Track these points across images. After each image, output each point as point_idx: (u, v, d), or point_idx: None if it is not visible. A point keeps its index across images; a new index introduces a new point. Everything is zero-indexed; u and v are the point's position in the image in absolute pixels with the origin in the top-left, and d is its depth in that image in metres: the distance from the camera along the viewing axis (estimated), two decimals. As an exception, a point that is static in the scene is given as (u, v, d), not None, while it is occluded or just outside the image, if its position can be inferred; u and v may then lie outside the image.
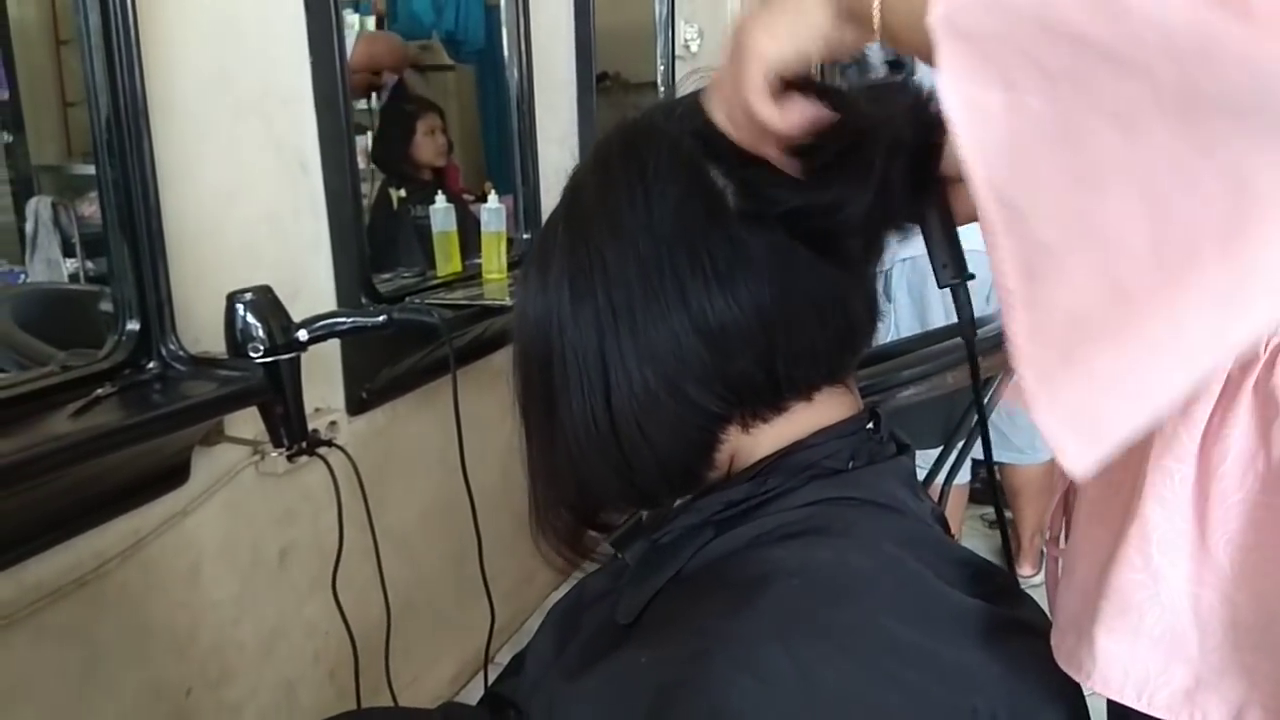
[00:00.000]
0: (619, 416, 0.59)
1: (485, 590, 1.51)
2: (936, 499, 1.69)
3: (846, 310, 0.60)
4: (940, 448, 1.74)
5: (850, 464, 0.61)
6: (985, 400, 1.54)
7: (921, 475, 1.66)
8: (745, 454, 0.62)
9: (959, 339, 1.52)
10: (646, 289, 0.57)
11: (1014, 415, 2.00)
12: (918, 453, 1.89)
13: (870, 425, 0.64)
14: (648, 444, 0.60)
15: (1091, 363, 0.35)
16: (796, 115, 0.53)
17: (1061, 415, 0.36)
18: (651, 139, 0.61)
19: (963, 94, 0.36)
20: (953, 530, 2.36)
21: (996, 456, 2.14)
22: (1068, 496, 0.66)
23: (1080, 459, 0.36)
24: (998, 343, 0.56)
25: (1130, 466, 0.50)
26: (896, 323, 2.13)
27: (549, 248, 0.62)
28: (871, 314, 0.63)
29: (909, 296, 2.12)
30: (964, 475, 2.21)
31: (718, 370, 0.58)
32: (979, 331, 1.60)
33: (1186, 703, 0.48)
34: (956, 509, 2.22)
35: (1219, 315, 0.33)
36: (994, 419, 1.64)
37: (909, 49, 0.43)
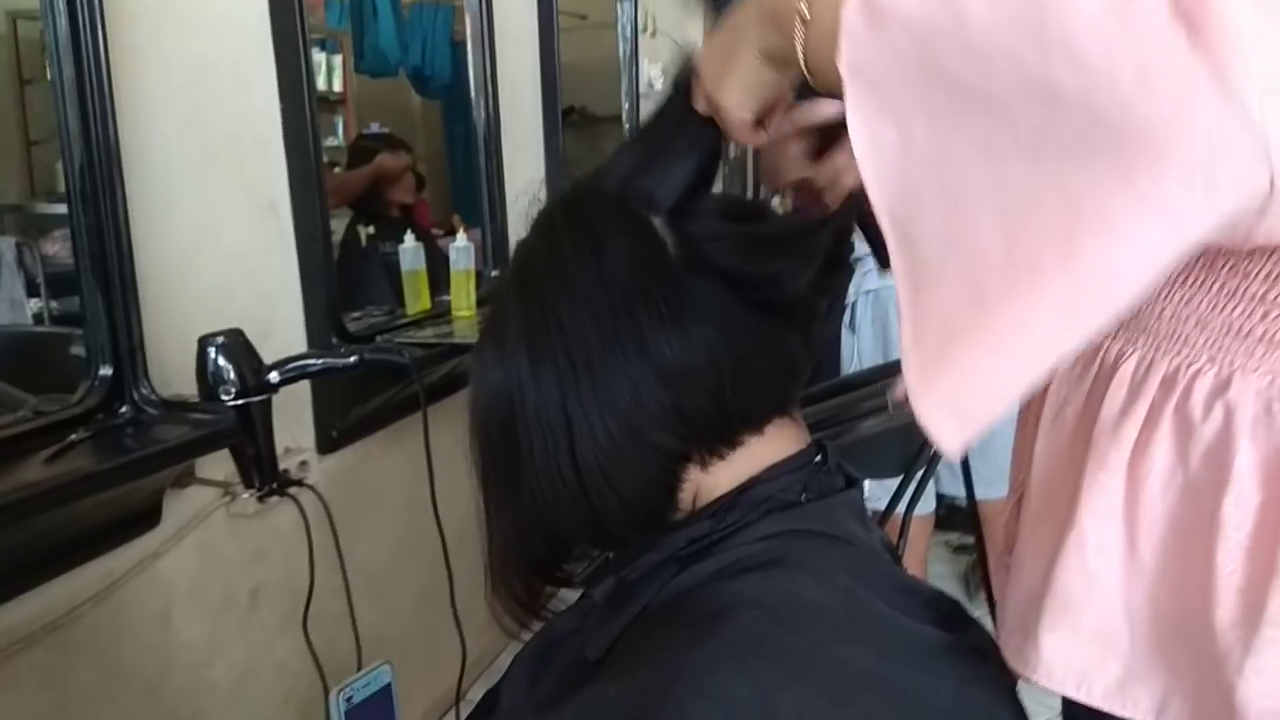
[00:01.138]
0: (584, 467, 0.61)
1: (457, 626, 1.52)
2: (899, 528, 1.73)
3: (787, 347, 0.63)
4: (900, 477, 1.77)
5: (803, 496, 0.64)
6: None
7: (883, 505, 1.69)
8: (706, 492, 0.65)
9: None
10: (603, 340, 0.60)
11: (985, 450, 2.04)
12: (879, 482, 1.92)
13: (819, 458, 0.67)
14: (613, 491, 0.62)
15: (958, 359, 0.41)
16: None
17: (935, 404, 0.41)
18: (593, 199, 0.64)
19: (865, 129, 0.41)
20: (919, 557, 2.40)
21: (948, 487, 2.18)
22: (1019, 507, 0.70)
23: (951, 440, 0.42)
24: None
25: (1069, 479, 0.54)
26: (859, 353, 2.17)
27: (502, 317, 0.65)
28: (810, 348, 0.66)
29: (872, 328, 2.16)
30: (928, 504, 2.24)
31: (676, 409, 0.60)
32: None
33: (1119, 693, 0.52)
34: (920, 537, 2.25)
35: (1059, 319, 0.39)
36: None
37: (829, 88, 0.48)
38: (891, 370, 1.77)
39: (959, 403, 0.42)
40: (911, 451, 1.71)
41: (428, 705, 1.89)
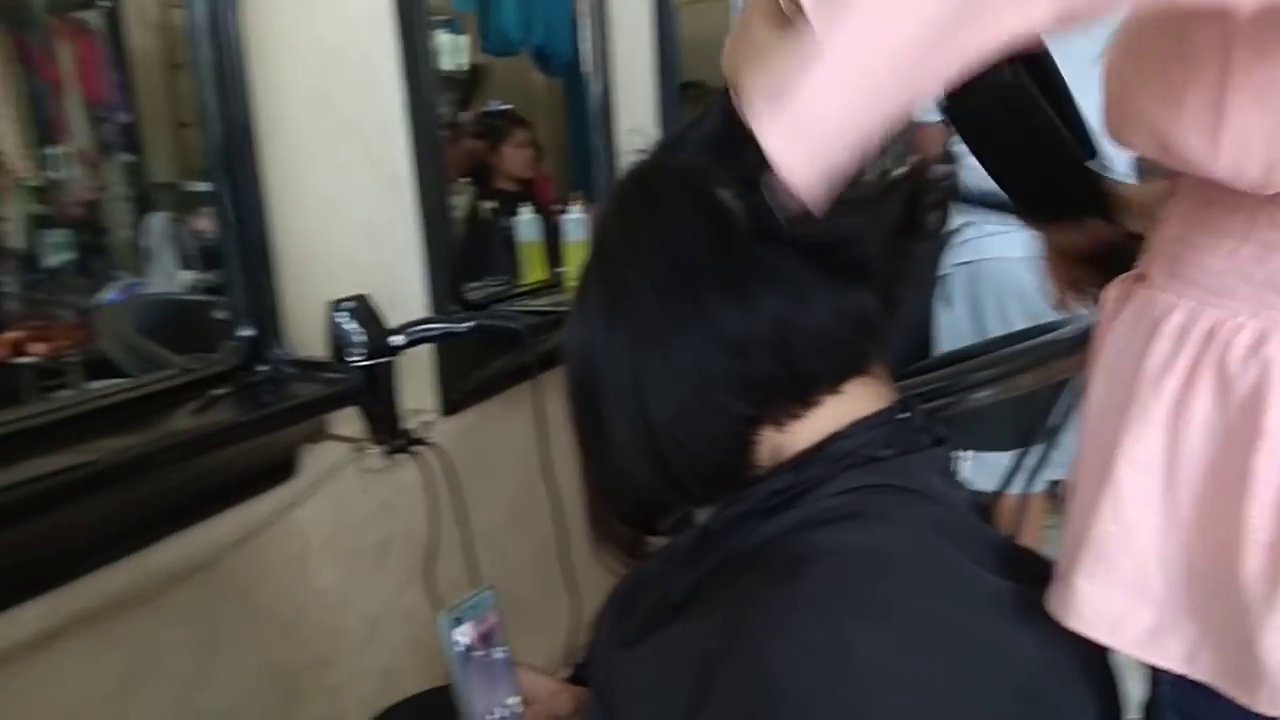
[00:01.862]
0: (657, 430, 0.65)
1: (570, 585, 1.58)
2: (1014, 506, 1.69)
3: (862, 308, 0.64)
4: (1016, 451, 1.74)
5: (885, 452, 0.66)
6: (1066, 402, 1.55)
7: (996, 481, 1.66)
8: (785, 448, 0.67)
9: (1035, 341, 1.53)
10: (668, 310, 0.63)
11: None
12: (981, 464, 1.88)
13: (904, 415, 0.69)
14: (686, 453, 0.65)
15: (828, 77, 0.44)
16: None
17: (788, 133, 0.46)
18: (660, 174, 0.67)
19: None
20: (1032, 539, 2.35)
21: (1057, 471, 2.12)
22: None
23: (788, 159, 0.46)
24: (1074, 346, 0.61)
25: (1113, 430, 0.55)
26: (954, 328, 2.12)
27: (584, 287, 0.69)
28: (890, 308, 0.66)
29: (966, 302, 2.12)
30: (1040, 483, 2.18)
31: (742, 375, 0.63)
32: (1052, 335, 1.60)
33: (1151, 641, 0.53)
34: (1035, 517, 2.20)
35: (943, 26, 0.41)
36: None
37: None
38: (995, 345, 1.74)
39: (799, 119, 0.45)
40: (1027, 425, 1.67)
41: (546, 658, 1.96)
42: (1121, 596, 0.54)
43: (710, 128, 0.67)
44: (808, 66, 0.44)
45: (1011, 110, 0.75)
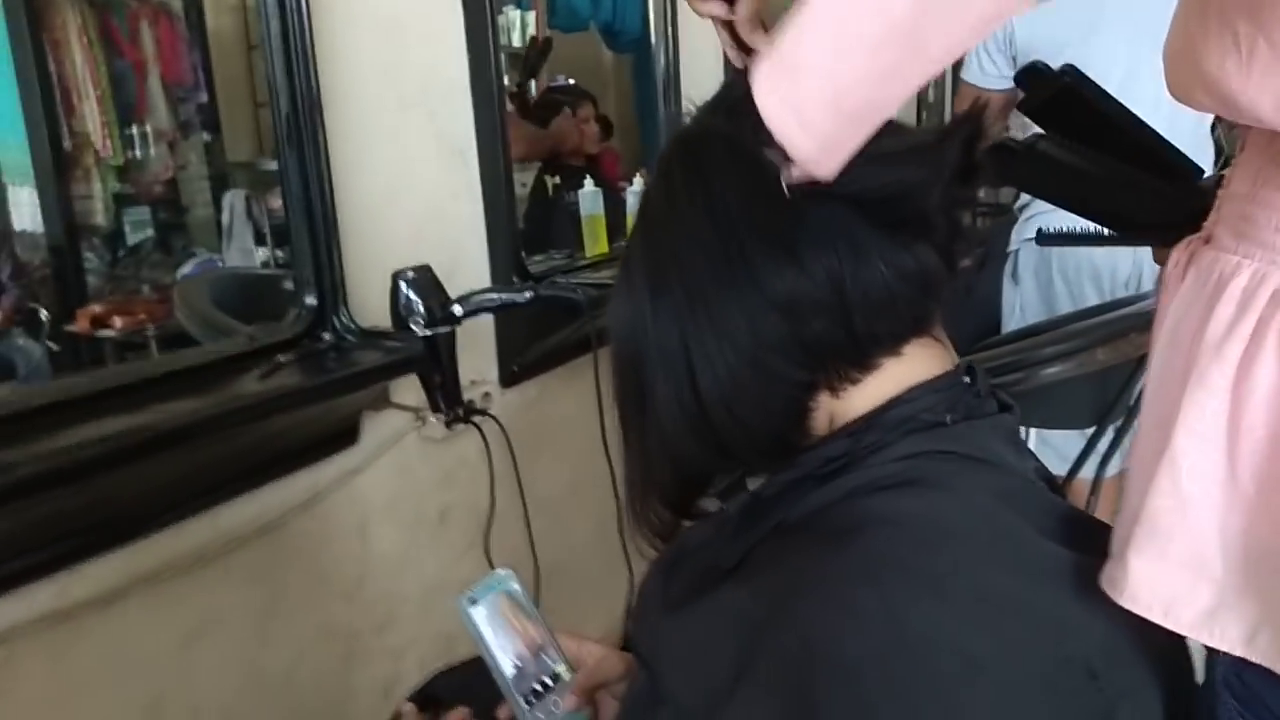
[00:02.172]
0: (707, 400, 0.63)
1: (626, 558, 1.58)
2: (1090, 488, 1.64)
3: (920, 264, 0.62)
4: (1092, 429, 1.69)
5: (948, 418, 0.64)
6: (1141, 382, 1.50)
7: (1063, 464, 1.61)
8: (841, 415, 0.65)
9: (1110, 315, 1.48)
10: (717, 274, 0.62)
11: None
12: (1051, 447, 1.83)
13: (967, 379, 0.66)
14: (738, 422, 0.63)
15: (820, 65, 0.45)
16: None
17: (790, 113, 0.46)
18: (704, 138, 0.65)
19: None
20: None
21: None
22: None
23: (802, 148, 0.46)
24: (1152, 320, 0.58)
25: (1173, 399, 0.52)
26: (1022, 306, 2.06)
27: (630, 258, 0.68)
28: (948, 259, 0.64)
29: (1035, 279, 2.05)
30: (1118, 467, 2.12)
31: (796, 338, 0.61)
32: (1131, 308, 1.55)
33: (1208, 621, 0.50)
34: (1108, 502, 2.13)
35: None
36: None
37: None
38: (1066, 321, 1.68)
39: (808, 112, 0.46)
40: (1106, 403, 1.62)
41: (602, 632, 1.97)
42: (1177, 574, 0.51)
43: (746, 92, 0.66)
44: (800, 31, 0.44)
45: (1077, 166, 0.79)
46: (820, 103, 0.47)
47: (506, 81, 2.56)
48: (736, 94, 0.65)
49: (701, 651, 0.61)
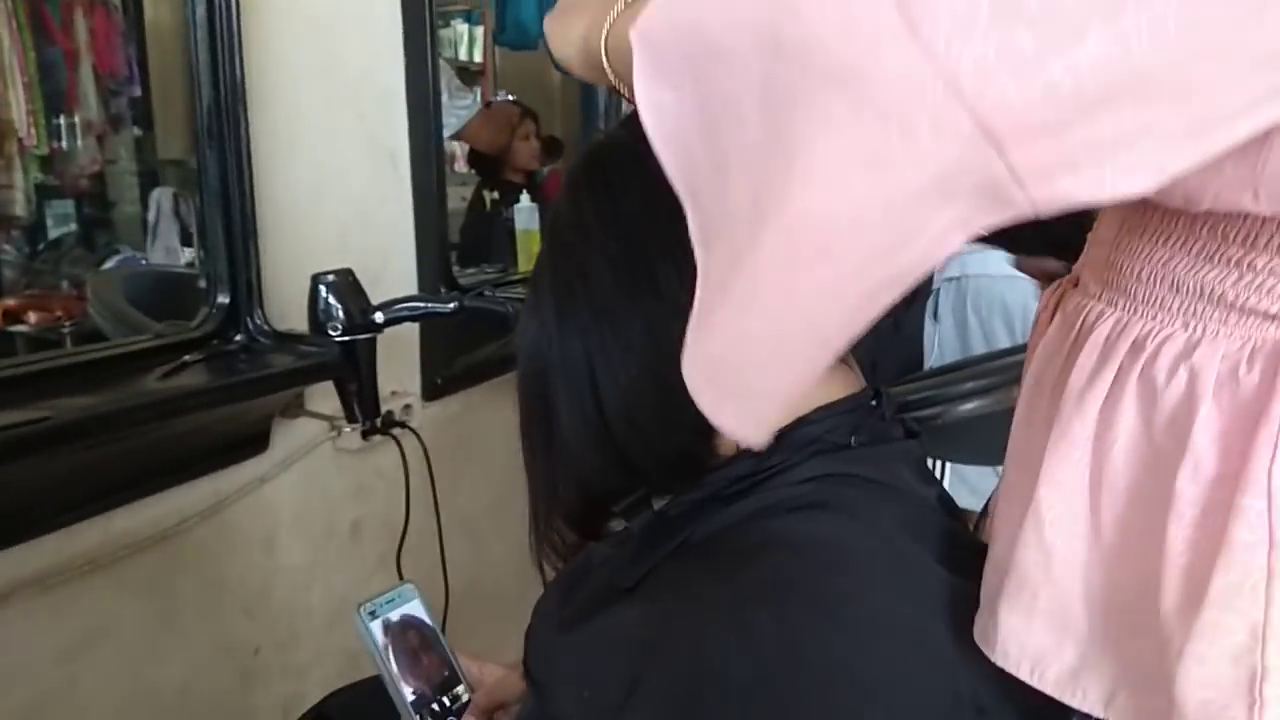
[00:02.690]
0: (610, 413, 0.62)
1: (543, 581, 1.55)
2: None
3: None
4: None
5: (853, 440, 0.63)
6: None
7: (977, 499, 1.62)
8: None
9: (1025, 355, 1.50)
10: (620, 286, 0.60)
11: None
12: (963, 482, 1.84)
13: (874, 403, 0.65)
14: (641, 437, 0.62)
15: (714, 321, 0.40)
16: None
17: (700, 369, 0.41)
18: (611, 151, 0.64)
19: (646, 94, 0.41)
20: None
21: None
22: None
23: (717, 413, 0.41)
24: None
25: (1037, 449, 0.50)
26: (940, 343, 2.10)
27: (538, 276, 0.66)
28: None
29: (953, 317, 2.09)
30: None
31: None
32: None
33: (1072, 681, 0.48)
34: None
35: (784, 272, 0.37)
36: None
37: (625, 76, 0.49)
38: (983, 360, 1.70)
39: (716, 372, 0.41)
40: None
41: (515, 655, 1.93)
42: (1043, 630, 0.49)
43: None
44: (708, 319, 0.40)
45: None
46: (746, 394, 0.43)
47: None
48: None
49: (591, 671, 0.59)
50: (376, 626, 0.76)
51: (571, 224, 0.64)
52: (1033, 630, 0.50)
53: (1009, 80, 0.30)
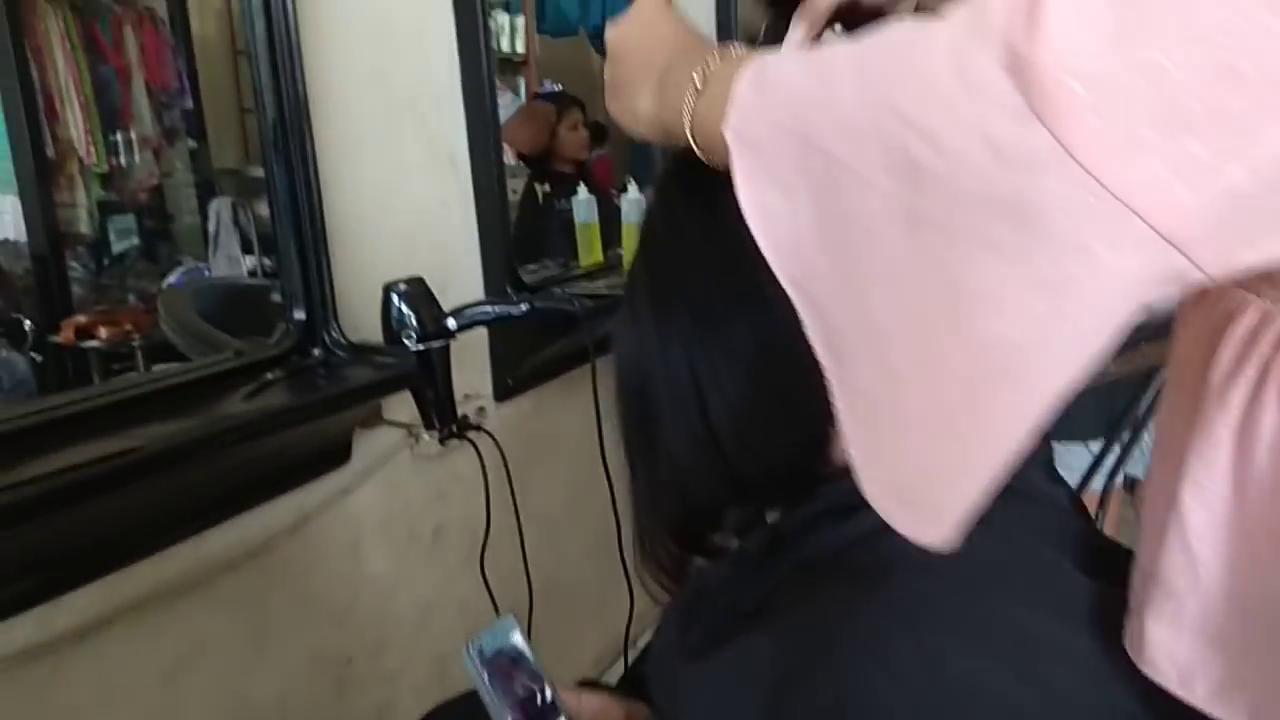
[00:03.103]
0: (718, 427, 0.60)
1: (625, 575, 1.54)
2: (1098, 500, 1.61)
3: None
4: (1102, 441, 1.66)
5: None
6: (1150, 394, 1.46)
7: (1072, 476, 1.58)
8: None
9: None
10: (723, 295, 0.58)
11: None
12: (1072, 450, 1.79)
13: None
14: (751, 451, 0.60)
15: (890, 441, 0.39)
16: None
17: (885, 489, 0.40)
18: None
19: (753, 196, 0.40)
20: (1113, 533, 2.25)
21: (1137, 467, 2.01)
22: None
23: (915, 530, 0.40)
24: (1163, 330, 0.54)
25: (1178, 446, 0.48)
26: None
27: (633, 284, 0.64)
28: None
29: None
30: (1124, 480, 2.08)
31: (812, 358, 0.57)
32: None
33: (1220, 695, 0.46)
34: (1114, 515, 2.10)
35: (969, 394, 0.36)
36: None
37: (719, 161, 0.47)
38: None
39: (912, 489, 0.40)
40: (1114, 415, 1.59)
41: (599, 651, 1.93)
42: (1191, 641, 0.47)
43: None
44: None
45: None
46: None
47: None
48: None
49: (727, 703, 0.57)
50: (483, 660, 0.75)
51: (666, 230, 0.62)
52: (1181, 641, 0.47)
53: (1185, 190, 0.30)
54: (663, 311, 0.61)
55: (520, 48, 3.60)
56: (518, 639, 0.77)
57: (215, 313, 1.85)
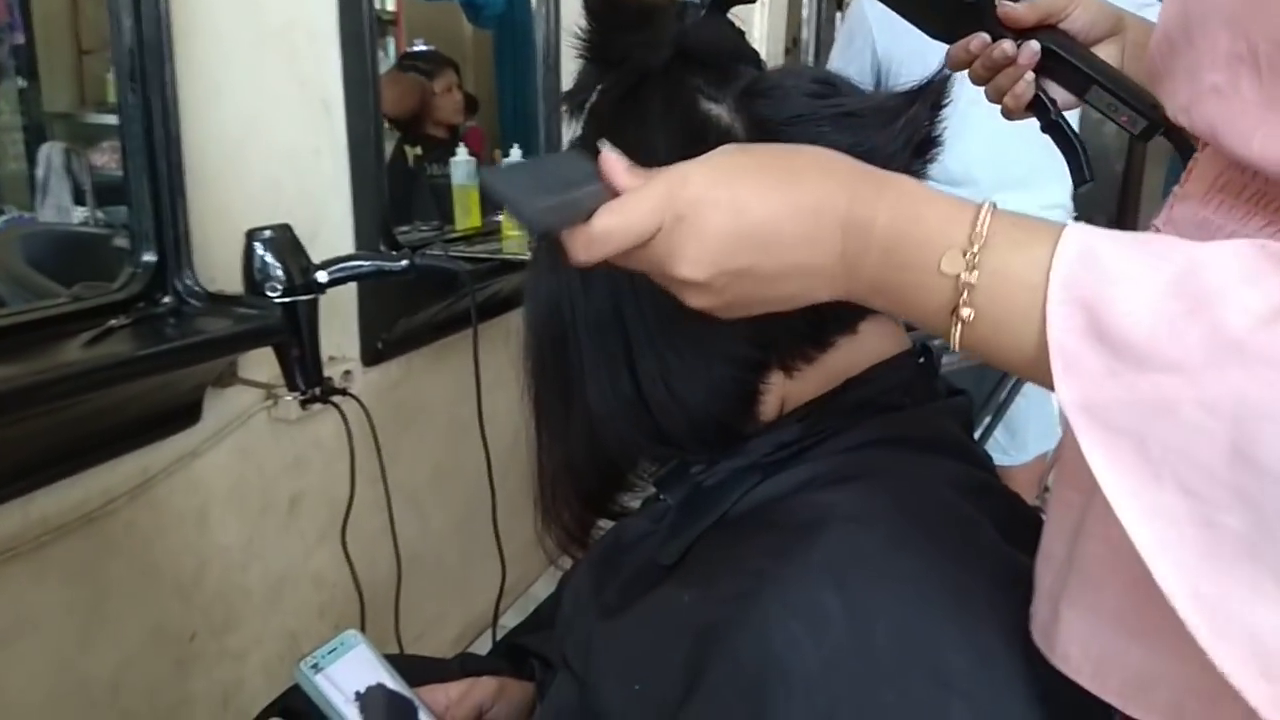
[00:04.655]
0: (645, 380, 0.56)
1: (498, 549, 1.48)
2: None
3: None
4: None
5: (906, 400, 0.58)
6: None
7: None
8: (794, 398, 0.59)
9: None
10: None
11: (1008, 420, 1.89)
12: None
13: (921, 360, 0.61)
14: (679, 405, 0.57)
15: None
16: None
17: (1242, 657, 0.34)
18: (646, 86, 0.58)
19: (1135, 493, 0.34)
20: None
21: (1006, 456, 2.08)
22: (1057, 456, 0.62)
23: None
24: None
25: None
26: None
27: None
28: None
29: None
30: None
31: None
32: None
33: (1136, 690, 0.42)
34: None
35: None
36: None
37: (996, 362, 0.40)
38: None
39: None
40: (981, 397, 1.63)
41: (462, 628, 1.87)
42: (1111, 632, 0.43)
43: (704, 37, 0.59)
44: None
45: None
46: None
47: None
48: (678, 38, 0.58)
49: (644, 659, 0.53)
50: (320, 680, 0.69)
51: None
52: (1098, 632, 0.44)
53: None
54: None
55: (390, 5, 3.45)
56: (363, 652, 0.73)
57: (47, 261, 1.69)
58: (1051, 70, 0.70)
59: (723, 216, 0.42)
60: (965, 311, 0.39)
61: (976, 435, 1.64)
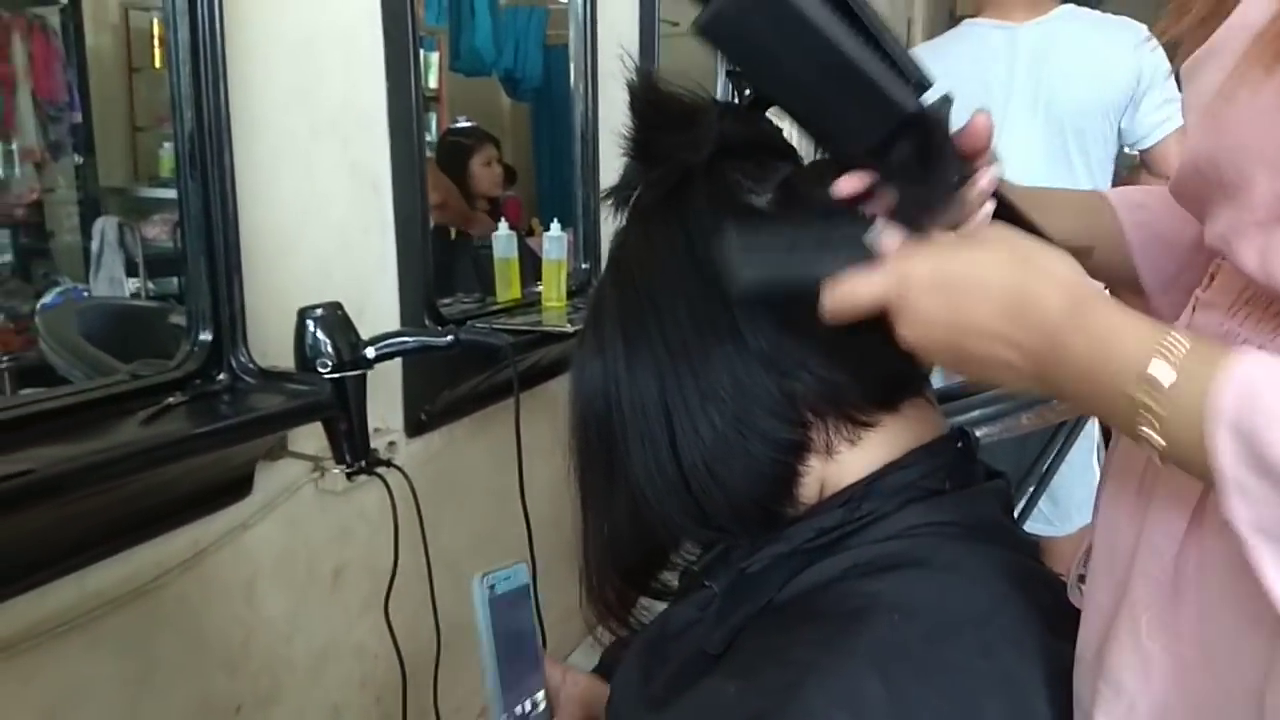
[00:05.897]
0: (687, 462, 0.58)
1: (538, 618, 1.48)
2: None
3: None
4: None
5: (947, 485, 0.59)
6: (1060, 446, 1.49)
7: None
8: (833, 482, 0.60)
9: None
10: (699, 326, 0.56)
11: (1052, 490, 1.86)
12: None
13: (960, 444, 0.62)
14: (721, 488, 0.58)
15: None
16: None
17: None
18: (688, 183, 0.60)
19: None
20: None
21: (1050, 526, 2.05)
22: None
23: None
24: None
25: (1125, 534, 0.46)
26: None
27: (599, 310, 0.62)
28: None
29: None
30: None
31: (785, 394, 0.56)
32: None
33: None
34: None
35: None
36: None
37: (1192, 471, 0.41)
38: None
39: None
40: (1024, 467, 1.62)
41: (501, 700, 1.86)
42: None
43: (728, 130, 0.61)
44: None
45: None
46: None
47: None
48: (719, 137, 0.61)
49: None
50: (493, 601, 0.71)
51: (643, 259, 0.60)
52: None
53: None
54: (634, 340, 0.58)
55: (433, 83, 3.56)
56: (527, 590, 0.76)
57: (102, 335, 1.74)
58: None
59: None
60: (1159, 442, 0.41)
61: (1020, 505, 1.63)
